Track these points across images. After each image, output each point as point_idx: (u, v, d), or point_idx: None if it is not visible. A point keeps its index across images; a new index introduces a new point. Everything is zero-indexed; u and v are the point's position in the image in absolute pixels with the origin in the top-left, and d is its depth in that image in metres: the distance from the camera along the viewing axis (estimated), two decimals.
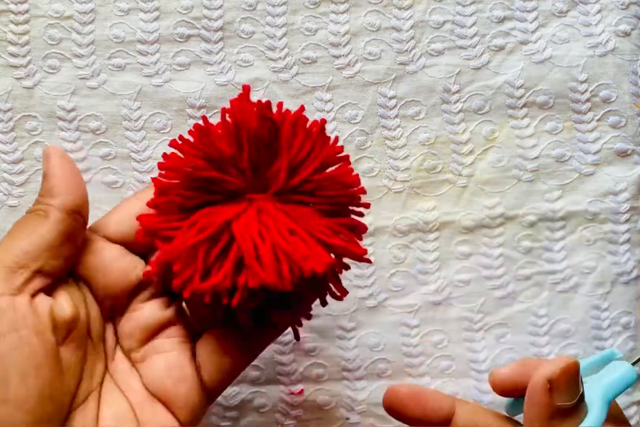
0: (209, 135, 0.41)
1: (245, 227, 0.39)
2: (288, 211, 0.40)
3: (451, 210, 0.56)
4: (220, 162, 0.41)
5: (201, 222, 0.39)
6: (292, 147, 0.41)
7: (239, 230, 0.39)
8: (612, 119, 0.56)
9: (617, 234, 0.56)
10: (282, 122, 0.42)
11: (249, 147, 0.41)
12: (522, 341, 0.56)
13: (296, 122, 0.42)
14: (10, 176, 0.55)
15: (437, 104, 0.56)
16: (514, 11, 0.56)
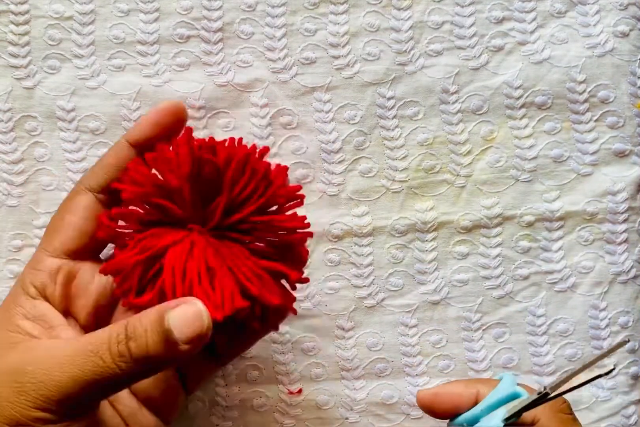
0: (167, 163, 0.44)
1: (174, 259, 0.42)
2: (219, 248, 0.44)
3: (449, 211, 0.56)
4: (169, 191, 0.44)
5: (145, 243, 0.43)
6: (235, 186, 0.44)
7: (169, 260, 0.43)
8: (610, 120, 0.56)
9: (615, 234, 0.56)
10: (229, 161, 0.44)
11: (190, 183, 0.43)
12: (520, 340, 0.56)
13: (245, 161, 0.44)
14: (10, 176, 0.55)
15: (435, 105, 0.56)
16: (512, 12, 0.56)
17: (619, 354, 0.56)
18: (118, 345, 0.39)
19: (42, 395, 0.39)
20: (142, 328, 0.40)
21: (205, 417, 0.55)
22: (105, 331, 0.41)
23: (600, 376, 0.41)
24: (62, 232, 0.46)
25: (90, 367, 0.39)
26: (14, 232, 0.55)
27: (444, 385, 0.49)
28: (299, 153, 0.55)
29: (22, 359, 0.41)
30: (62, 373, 0.39)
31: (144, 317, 0.40)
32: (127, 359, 0.39)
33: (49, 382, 0.39)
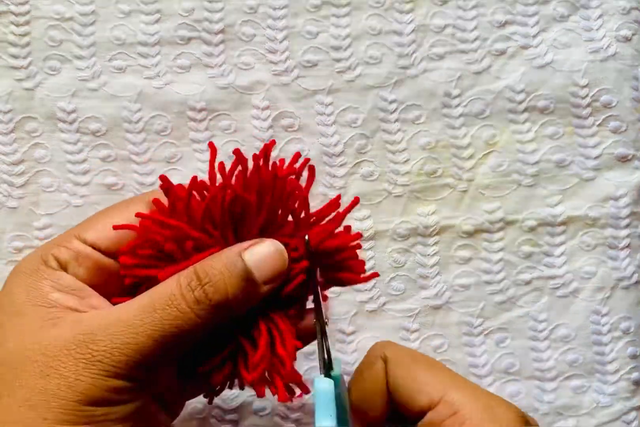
0: (189, 204, 0.41)
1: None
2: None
3: (451, 215, 0.56)
4: (196, 221, 0.41)
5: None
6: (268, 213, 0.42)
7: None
8: (612, 124, 0.56)
9: (617, 239, 0.56)
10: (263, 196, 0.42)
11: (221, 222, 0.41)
12: (522, 345, 0.56)
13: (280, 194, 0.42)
14: (10, 177, 0.54)
15: (437, 108, 0.56)
16: (515, 15, 0.56)
17: (621, 360, 0.56)
18: (194, 292, 0.37)
19: (118, 361, 0.36)
20: (216, 271, 0.38)
21: (205, 420, 0.55)
22: (171, 282, 0.38)
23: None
24: (98, 229, 0.43)
25: (168, 321, 0.37)
26: (14, 233, 0.54)
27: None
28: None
29: (80, 331, 0.37)
30: (137, 334, 0.37)
31: (215, 260, 0.39)
32: (205, 306, 0.37)
33: (124, 346, 0.36)
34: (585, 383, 0.56)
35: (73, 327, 0.38)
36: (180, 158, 0.55)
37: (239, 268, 0.38)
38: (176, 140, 0.55)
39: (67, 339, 0.37)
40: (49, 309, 0.39)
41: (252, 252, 0.39)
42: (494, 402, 0.42)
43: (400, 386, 0.43)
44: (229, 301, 0.38)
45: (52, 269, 0.41)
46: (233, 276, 0.38)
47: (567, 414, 0.56)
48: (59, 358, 0.37)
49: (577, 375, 0.56)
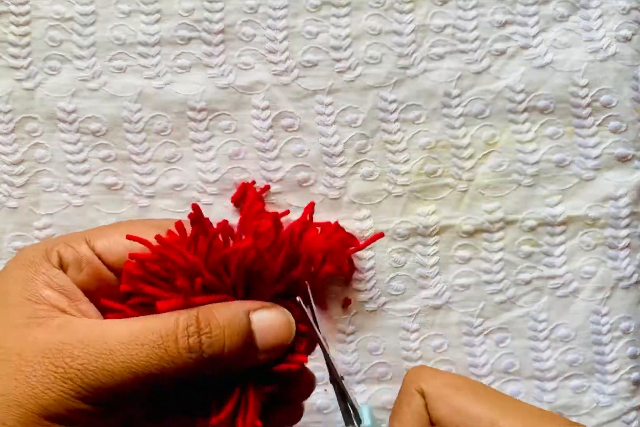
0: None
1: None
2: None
3: (451, 215, 0.56)
4: (212, 263, 0.40)
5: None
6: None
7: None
8: (612, 124, 0.56)
9: (617, 239, 0.56)
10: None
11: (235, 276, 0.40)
12: (522, 345, 0.56)
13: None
14: (10, 178, 0.54)
15: (437, 108, 0.56)
16: (515, 15, 0.56)
17: (621, 359, 0.56)
18: (189, 338, 0.36)
19: (89, 385, 0.35)
20: (218, 324, 0.36)
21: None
22: (169, 319, 0.37)
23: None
24: (112, 242, 0.42)
25: (152, 360, 0.35)
26: (14, 233, 0.54)
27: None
28: (300, 156, 0.55)
29: (62, 339, 0.36)
30: (117, 363, 0.35)
31: (220, 311, 0.37)
32: (196, 356, 0.36)
33: (100, 371, 0.35)
34: (585, 383, 0.56)
35: (57, 333, 0.36)
36: (180, 158, 0.55)
37: (242, 328, 0.37)
38: (176, 141, 0.55)
39: (47, 345, 0.36)
40: (38, 306, 0.38)
41: (261, 315, 0.37)
42: (544, 420, 0.40)
43: (446, 422, 0.41)
44: (222, 359, 0.36)
45: (51, 265, 0.40)
46: (234, 334, 0.36)
47: (567, 414, 0.55)
48: (32, 365, 0.35)
49: (577, 375, 0.56)
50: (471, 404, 0.41)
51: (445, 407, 0.41)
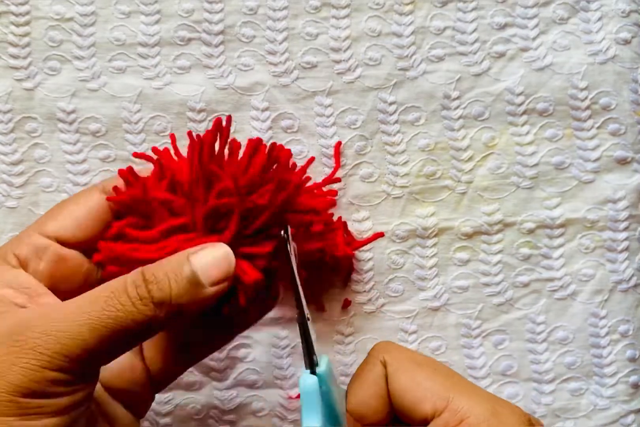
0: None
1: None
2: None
3: (450, 217, 0.56)
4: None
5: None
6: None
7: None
8: (612, 127, 0.56)
9: (615, 242, 0.56)
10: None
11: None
12: (520, 348, 0.56)
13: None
14: (10, 177, 0.54)
15: (437, 110, 0.56)
16: (514, 18, 0.56)
17: (619, 362, 0.56)
18: (137, 289, 0.37)
19: (52, 350, 0.35)
20: (162, 272, 0.38)
21: (203, 420, 0.55)
22: (118, 280, 0.38)
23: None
24: (59, 220, 0.43)
25: (109, 313, 0.36)
26: (13, 233, 0.54)
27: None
28: (299, 157, 0.55)
29: (19, 321, 0.37)
30: (74, 322, 0.36)
31: (163, 263, 0.39)
32: (147, 302, 0.37)
33: (60, 334, 0.35)
34: (583, 386, 0.56)
35: (11, 318, 0.37)
36: None
37: (185, 270, 0.38)
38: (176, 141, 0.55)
39: (7, 327, 0.36)
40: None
41: (199, 255, 0.39)
42: (499, 406, 0.41)
43: (402, 393, 0.43)
44: (172, 300, 0.38)
45: (8, 267, 0.41)
46: (178, 277, 0.38)
47: (564, 416, 0.56)
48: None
49: (575, 377, 0.56)
50: (429, 381, 0.42)
51: (404, 380, 0.43)
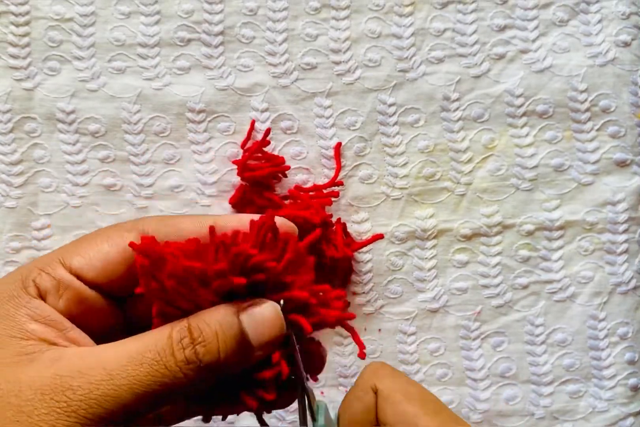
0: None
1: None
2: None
3: (449, 218, 0.56)
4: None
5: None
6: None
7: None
8: (611, 129, 0.56)
9: (615, 244, 0.56)
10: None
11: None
12: (519, 349, 0.56)
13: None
14: (9, 177, 0.54)
15: (436, 112, 0.56)
16: (514, 20, 0.56)
17: (618, 365, 0.55)
18: (185, 351, 0.35)
19: (94, 414, 0.33)
20: (210, 330, 0.35)
21: (201, 420, 0.55)
22: (162, 334, 0.35)
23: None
24: (88, 257, 0.39)
25: (153, 378, 0.34)
26: (12, 233, 0.54)
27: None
28: (299, 158, 0.55)
29: (57, 372, 0.34)
30: (119, 386, 0.34)
31: (210, 318, 0.36)
32: (194, 367, 0.35)
33: (103, 398, 0.33)
34: (582, 388, 0.56)
35: (51, 366, 0.35)
36: (179, 159, 0.55)
37: (234, 330, 0.36)
38: (175, 142, 0.55)
39: (43, 381, 0.34)
40: (26, 342, 0.36)
41: (250, 313, 0.36)
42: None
43: (390, 424, 0.42)
44: (220, 364, 0.35)
45: (30, 297, 0.38)
46: (227, 338, 0.35)
47: (563, 418, 0.55)
48: (32, 403, 0.34)
49: (573, 380, 0.56)
50: (417, 417, 0.42)
51: (393, 411, 0.43)
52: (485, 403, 0.55)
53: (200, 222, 0.40)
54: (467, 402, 0.55)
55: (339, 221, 0.54)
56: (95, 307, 0.39)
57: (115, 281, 0.39)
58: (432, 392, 0.45)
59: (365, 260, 0.55)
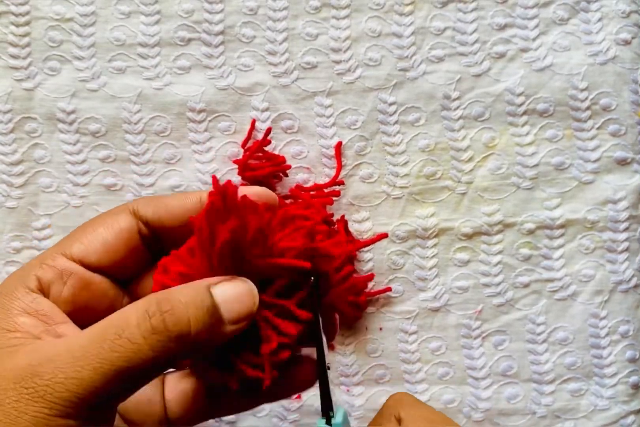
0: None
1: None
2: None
3: (450, 217, 0.56)
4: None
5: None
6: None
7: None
8: (612, 127, 0.56)
9: (615, 243, 0.56)
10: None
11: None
12: (520, 348, 0.56)
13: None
14: (9, 178, 0.54)
15: (437, 111, 0.56)
16: (514, 18, 0.56)
17: (619, 363, 0.55)
18: (151, 319, 0.34)
19: (61, 398, 0.33)
20: (180, 302, 0.34)
21: None
22: (130, 309, 0.35)
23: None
24: (86, 242, 0.40)
25: (117, 353, 0.33)
26: (12, 233, 0.54)
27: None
28: (299, 157, 0.55)
29: (29, 361, 0.34)
30: (82, 367, 0.33)
31: (181, 291, 0.35)
32: (161, 337, 0.33)
33: (68, 381, 0.33)
34: (583, 386, 0.56)
35: (26, 357, 0.35)
36: (180, 159, 0.55)
37: (205, 302, 0.35)
38: (175, 142, 0.55)
39: (17, 371, 0.34)
40: (12, 334, 0.36)
41: (222, 287, 0.36)
42: None
43: None
44: (190, 336, 0.34)
45: (27, 291, 0.38)
46: (198, 309, 0.35)
47: (564, 417, 0.55)
48: (5, 392, 0.34)
49: (575, 378, 0.56)
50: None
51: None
52: (486, 402, 0.55)
53: (185, 198, 0.41)
54: (468, 401, 0.55)
55: (342, 218, 0.54)
56: (101, 291, 0.40)
57: (118, 262, 0.40)
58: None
59: (367, 259, 0.55)
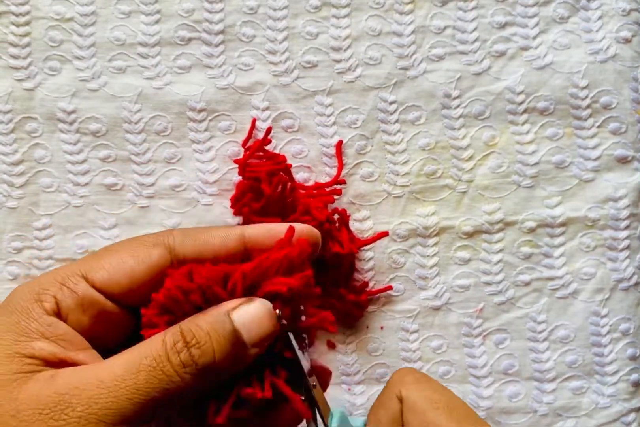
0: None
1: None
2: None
3: (451, 216, 0.56)
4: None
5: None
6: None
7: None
8: (612, 126, 0.56)
9: (616, 241, 0.56)
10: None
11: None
12: (521, 346, 0.56)
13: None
14: (10, 178, 0.54)
15: (437, 109, 0.56)
16: (515, 17, 0.56)
17: (620, 361, 0.56)
18: (179, 354, 0.34)
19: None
20: (203, 332, 0.35)
21: None
22: (156, 341, 0.35)
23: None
24: (112, 272, 0.38)
25: (151, 385, 0.34)
26: (13, 233, 0.54)
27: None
28: (300, 157, 0.55)
29: (56, 390, 0.34)
30: (117, 398, 0.33)
31: (201, 320, 0.36)
32: (191, 369, 0.34)
33: (102, 411, 0.33)
34: (585, 384, 0.56)
35: (49, 385, 0.34)
36: (180, 159, 0.55)
37: (227, 330, 0.36)
38: (176, 141, 0.55)
39: (41, 400, 0.33)
40: (28, 360, 0.35)
41: (241, 312, 0.36)
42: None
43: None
44: (216, 365, 0.35)
45: (44, 312, 0.37)
46: (220, 338, 0.35)
47: (566, 415, 0.55)
48: (30, 424, 0.33)
49: (576, 376, 0.56)
50: (442, 423, 0.41)
51: (417, 422, 0.42)
52: (488, 400, 0.55)
53: (227, 235, 0.40)
54: (470, 399, 0.55)
55: (345, 212, 0.54)
56: (118, 320, 0.39)
57: (142, 295, 0.39)
58: (450, 393, 0.45)
59: (367, 258, 0.55)
